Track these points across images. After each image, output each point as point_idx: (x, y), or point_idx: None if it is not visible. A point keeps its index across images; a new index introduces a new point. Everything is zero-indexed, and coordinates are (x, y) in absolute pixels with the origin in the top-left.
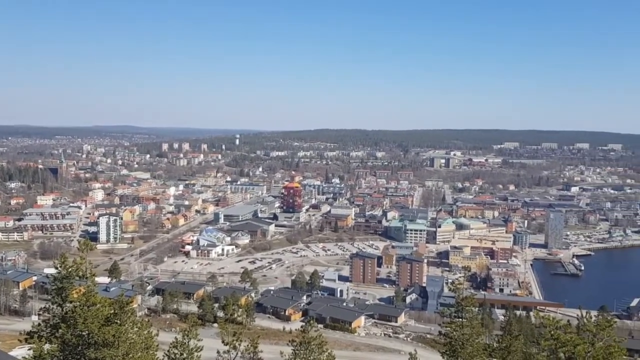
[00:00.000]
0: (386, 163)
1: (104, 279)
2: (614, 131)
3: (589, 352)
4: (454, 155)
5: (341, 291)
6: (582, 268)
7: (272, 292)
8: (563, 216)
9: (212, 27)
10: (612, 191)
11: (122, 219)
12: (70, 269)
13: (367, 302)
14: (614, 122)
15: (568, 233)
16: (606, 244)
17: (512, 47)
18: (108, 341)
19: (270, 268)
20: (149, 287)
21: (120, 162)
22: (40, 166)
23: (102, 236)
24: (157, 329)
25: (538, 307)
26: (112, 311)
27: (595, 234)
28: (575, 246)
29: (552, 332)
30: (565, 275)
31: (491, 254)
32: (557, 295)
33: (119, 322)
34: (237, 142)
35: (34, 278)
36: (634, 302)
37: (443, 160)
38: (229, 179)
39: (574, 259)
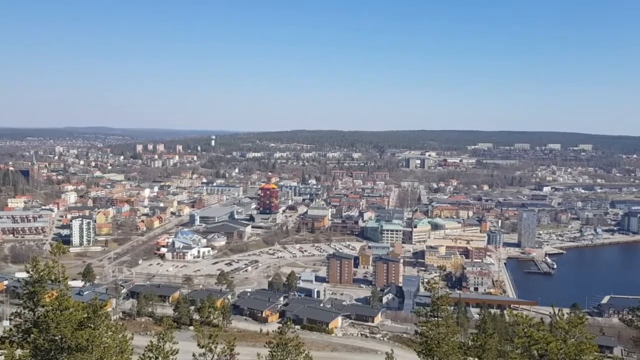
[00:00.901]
0: (362, 164)
1: (77, 283)
2: (584, 132)
3: (562, 349)
4: (429, 156)
5: (318, 292)
6: (555, 266)
7: (248, 293)
8: (535, 216)
9: (186, 28)
10: (583, 191)
11: (95, 221)
12: (42, 273)
13: (344, 303)
14: (584, 123)
15: (540, 232)
16: (577, 243)
17: (485, 50)
18: (81, 346)
19: (246, 271)
20: (124, 291)
21: (93, 163)
22: (11, 168)
23: (75, 239)
24: (131, 333)
25: (512, 306)
26: (86, 315)
27: (567, 233)
28: (547, 245)
29: (526, 330)
30: (538, 274)
31: (466, 253)
32: (530, 293)
33: (92, 326)
34: (213, 143)
35: (5, 282)
36: (605, 300)
37: (418, 161)
38: (204, 180)
39: (547, 258)
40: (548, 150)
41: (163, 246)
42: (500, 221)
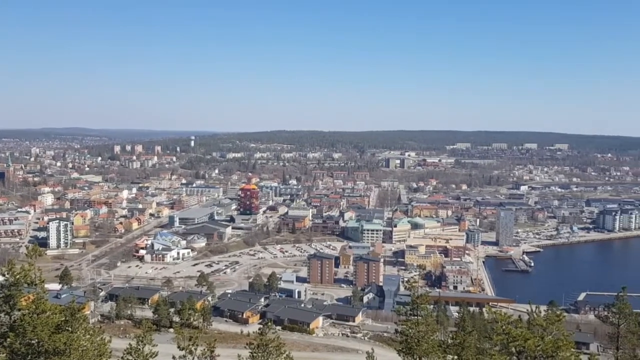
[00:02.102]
0: (343, 164)
1: (54, 286)
2: (560, 132)
3: (539, 345)
4: (409, 155)
5: (299, 292)
6: (532, 264)
7: (229, 295)
8: (513, 214)
9: (163, 30)
10: (559, 189)
11: (73, 223)
12: (18, 276)
13: (325, 303)
14: (560, 123)
15: (518, 231)
16: (554, 241)
17: (462, 50)
18: (59, 349)
19: (225, 273)
20: (102, 293)
21: (70, 165)
22: None
23: (52, 242)
24: (110, 336)
25: (490, 303)
26: (63, 318)
27: (544, 231)
28: (525, 243)
29: (504, 327)
30: (515, 272)
31: (445, 252)
32: (508, 291)
33: (70, 329)
34: (192, 143)
35: None
36: (581, 297)
37: (398, 161)
38: (184, 181)
39: (524, 256)
40: (525, 149)
41: (142, 248)
42: (478, 220)
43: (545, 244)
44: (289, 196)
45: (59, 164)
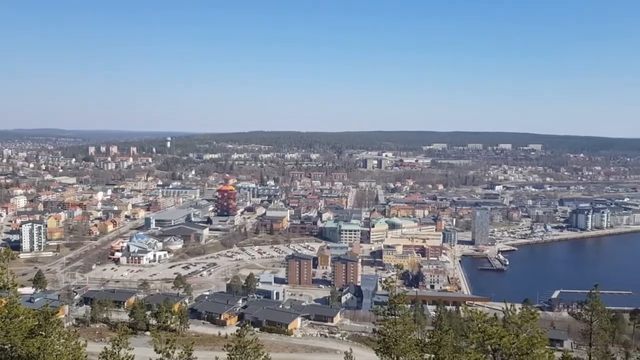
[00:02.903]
0: (320, 164)
1: (27, 290)
2: (534, 132)
3: (514, 343)
4: (386, 156)
5: (277, 293)
6: (507, 263)
7: (206, 297)
8: (488, 214)
9: (138, 29)
10: (533, 189)
11: (46, 226)
12: None
13: (303, 304)
14: (534, 123)
15: (493, 230)
16: (528, 240)
17: (437, 52)
18: (32, 354)
19: (201, 275)
20: (77, 297)
21: (43, 166)
22: None
23: (25, 244)
24: (85, 340)
25: (466, 302)
26: (37, 323)
27: (519, 230)
28: (500, 242)
29: (480, 326)
30: (491, 271)
31: (422, 251)
32: (484, 289)
33: (44, 333)
34: (169, 144)
35: None
36: (555, 294)
37: (375, 162)
38: (160, 182)
39: (499, 255)
40: (500, 150)
41: (117, 250)
42: (454, 220)
43: (519, 243)
44: (266, 197)
45: (31, 165)
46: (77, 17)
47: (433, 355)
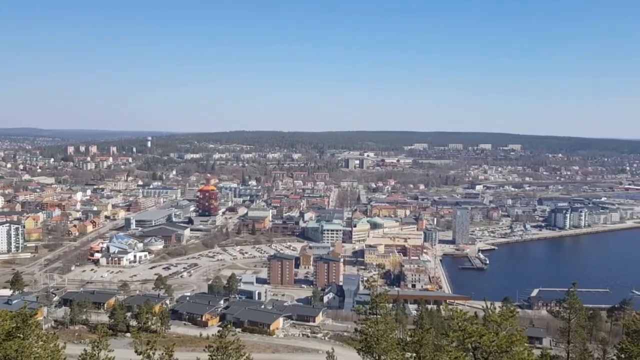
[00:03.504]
0: (302, 164)
1: (5, 291)
2: (513, 132)
3: (494, 341)
4: (368, 156)
5: (259, 294)
6: (487, 262)
7: (188, 298)
8: (469, 213)
9: (119, 27)
10: (512, 189)
11: (24, 227)
12: None
13: (285, 304)
14: (513, 124)
15: (473, 229)
16: (508, 239)
17: (418, 52)
18: (10, 357)
19: (181, 277)
20: (56, 298)
21: (21, 166)
22: None
23: (3, 246)
24: (64, 342)
25: (447, 301)
26: (15, 325)
27: (498, 230)
28: (480, 241)
29: (460, 324)
30: (471, 269)
31: (404, 251)
32: (465, 288)
33: (22, 336)
34: (149, 144)
35: None
36: (534, 293)
37: (357, 161)
38: (140, 182)
39: (480, 254)
40: (480, 150)
41: (97, 251)
42: (435, 219)
43: (499, 242)
44: (248, 197)
45: (9, 165)
46: (50, 15)
47: (414, 354)
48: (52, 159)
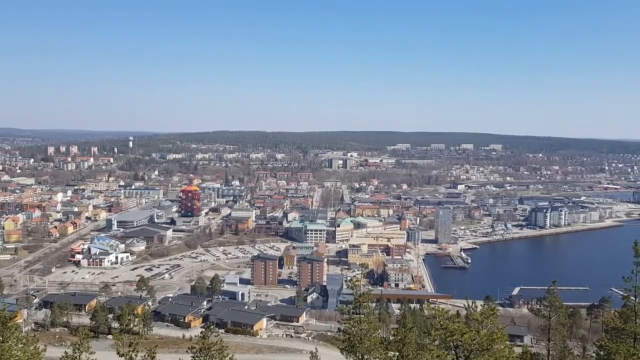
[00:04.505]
0: (286, 164)
1: None
2: (495, 132)
3: (475, 339)
4: (351, 156)
5: (242, 294)
6: (469, 261)
7: (170, 299)
8: (451, 213)
9: (96, 27)
10: (494, 188)
11: (3, 228)
12: None
13: (269, 304)
14: (494, 124)
15: (456, 228)
16: (490, 238)
17: (400, 53)
18: None
19: (162, 278)
20: (36, 300)
21: (0, 167)
22: None
23: None
24: (45, 345)
25: (430, 300)
26: None
27: (480, 229)
28: (462, 241)
29: (442, 323)
30: (454, 269)
31: (387, 250)
32: (447, 287)
33: (1, 338)
34: (131, 144)
35: None
36: (515, 291)
37: (341, 161)
38: (122, 183)
39: (462, 253)
40: (462, 150)
41: (78, 253)
42: (418, 219)
43: (481, 241)
44: (231, 197)
45: None
46: (23, 15)
47: (397, 353)
48: (32, 160)
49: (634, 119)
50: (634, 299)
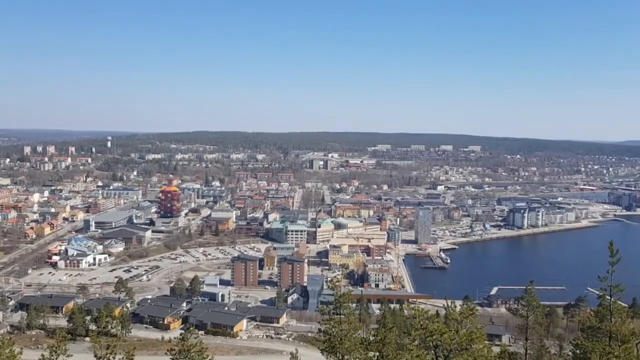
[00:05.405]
0: (267, 165)
1: None
2: (473, 134)
3: (454, 339)
4: (332, 157)
5: (222, 295)
6: (448, 261)
7: (149, 301)
8: (431, 213)
9: (76, 25)
10: (473, 189)
11: None
12: None
13: (249, 305)
14: (473, 125)
15: (435, 229)
16: (468, 238)
17: (380, 54)
18: None
19: (140, 280)
20: (12, 303)
21: None
22: None
23: None
24: (21, 347)
25: (410, 300)
26: None
27: (459, 229)
28: (441, 241)
29: (422, 323)
30: (433, 269)
31: (367, 251)
32: (427, 287)
33: None
34: (109, 144)
35: None
36: (494, 291)
37: (321, 162)
38: (100, 183)
39: (441, 253)
40: (441, 151)
41: (55, 254)
42: (398, 219)
43: (460, 242)
44: (212, 198)
45: None
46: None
47: (377, 353)
48: (8, 160)
49: (609, 121)
50: (609, 298)
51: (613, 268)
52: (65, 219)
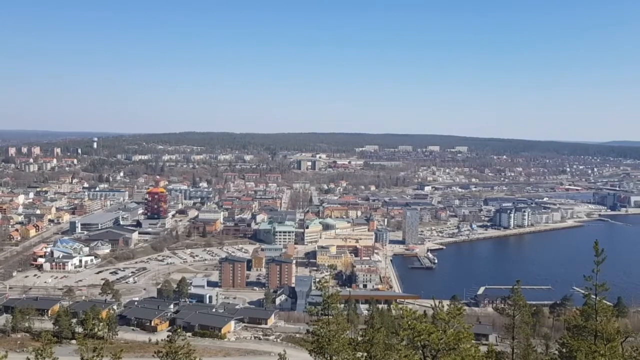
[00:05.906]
0: (254, 166)
1: None
2: (460, 135)
3: (442, 339)
4: (320, 157)
5: (210, 297)
6: (436, 261)
7: (136, 303)
8: (418, 214)
9: (60, 26)
10: (459, 189)
11: None
12: None
13: (237, 307)
14: (460, 126)
15: (423, 229)
16: (456, 238)
17: (368, 56)
18: None
19: (127, 283)
20: None
21: None
22: None
23: None
24: (6, 351)
25: (397, 300)
26: None
27: (446, 230)
28: (429, 241)
29: (409, 323)
30: (421, 269)
31: (355, 251)
32: (415, 287)
33: None
34: (95, 145)
35: None
36: (480, 291)
37: (309, 163)
38: (86, 185)
39: (429, 253)
40: (428, 152)
41: (40, 256)
42: (386, 220)
43: (447, 242)
44: (199, 199)
45: None
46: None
47: (365, 353)
48: None
49: (594, 122)
50: (594, 297)
51: (598, 267)
52: (50, 220)
